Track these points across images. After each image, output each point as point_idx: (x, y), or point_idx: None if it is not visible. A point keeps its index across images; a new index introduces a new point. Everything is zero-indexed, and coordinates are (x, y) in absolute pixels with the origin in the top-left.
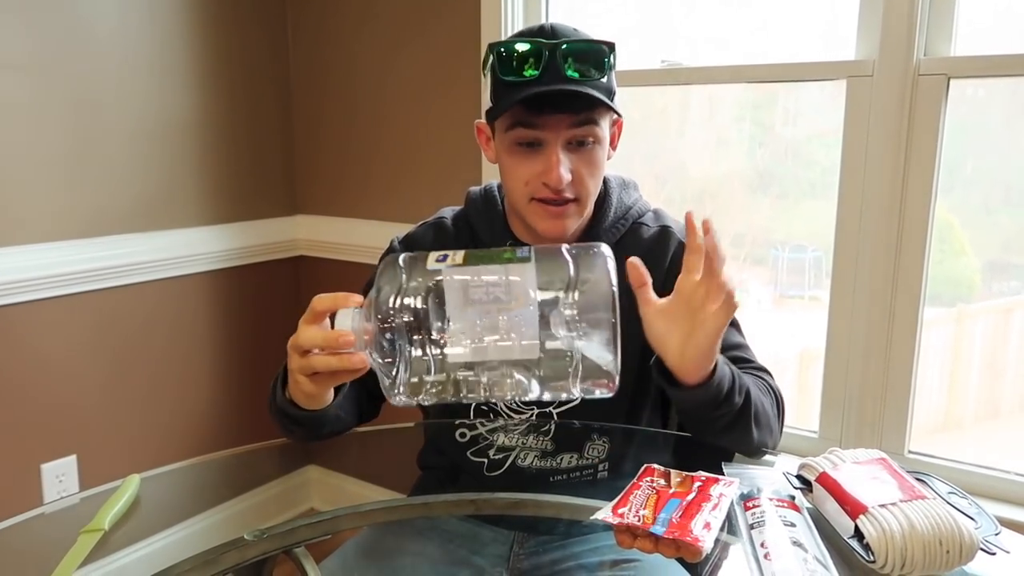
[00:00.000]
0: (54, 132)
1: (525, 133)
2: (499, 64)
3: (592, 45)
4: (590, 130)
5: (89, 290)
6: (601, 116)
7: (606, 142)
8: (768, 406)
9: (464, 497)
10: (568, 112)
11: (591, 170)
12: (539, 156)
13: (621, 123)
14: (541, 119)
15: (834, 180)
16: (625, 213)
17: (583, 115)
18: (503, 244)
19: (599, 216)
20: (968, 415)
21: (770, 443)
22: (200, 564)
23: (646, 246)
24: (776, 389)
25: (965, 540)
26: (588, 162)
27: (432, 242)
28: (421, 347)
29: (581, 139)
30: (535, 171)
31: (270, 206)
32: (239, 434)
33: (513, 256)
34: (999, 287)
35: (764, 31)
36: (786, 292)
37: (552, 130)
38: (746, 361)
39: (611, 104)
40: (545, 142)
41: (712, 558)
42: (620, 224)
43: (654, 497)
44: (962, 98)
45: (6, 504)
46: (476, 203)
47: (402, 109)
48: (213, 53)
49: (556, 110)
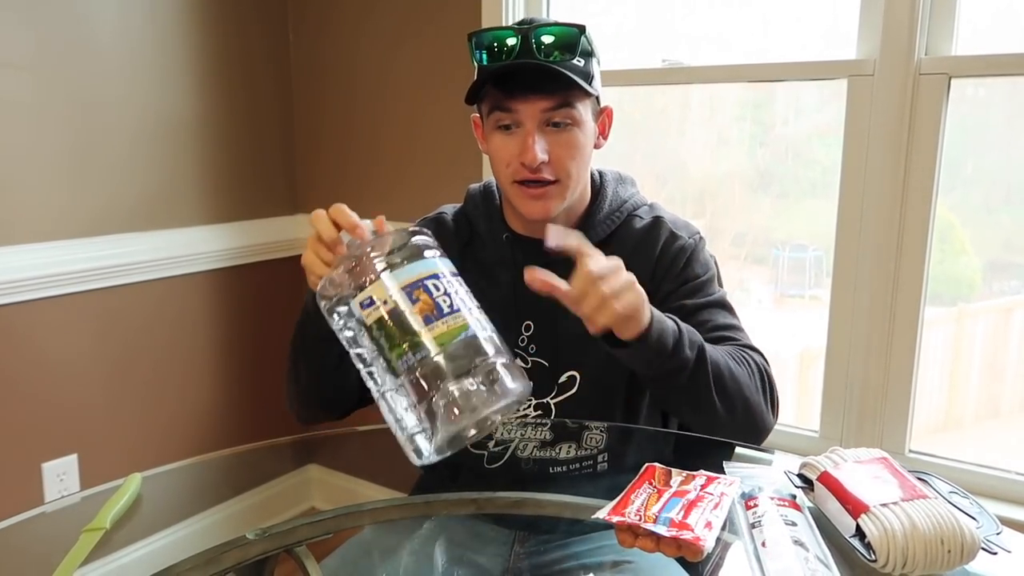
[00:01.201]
0: (55, 131)
1: (502, 116)
2: (475, 49)
3: (563, 28)
4: (567, 112)
5: (90, 289)
6: (577, 99)
7: (587, 125)
8: (741, 376)
9: (465, 496)
10: (541, 94)
11: (570, 152)
12: (516, 137)
13: (610, 111)
14: (514, 102)
15: (835, 179)
16: (620, 206)
17: (557, 97)
18: (500, 237)
19: (593, 208)
20: (969, 414)
21: (750, 421)
22: (201, 563)
23: (637, 237)
24: (761, 365)
25: (967, 539)
26: (566, 144)
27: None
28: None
29: (557, 121)
30: (513, 152)
31: (271, 205)
32: (240, 433)
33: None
34: (1000, 287)
35: (765, 30)
36: (787, 291)
37: (527, 112)
38: (729, 340)
39: (583, 84)
40: (521, 124)
41: (713, 557)
42: (615, 216)
43: (655, 496)
44: (963, 97)
45: (7, 503)
46: (475, 198)
47: (403, 108)
48: (214, 52)
49: (529, 91)
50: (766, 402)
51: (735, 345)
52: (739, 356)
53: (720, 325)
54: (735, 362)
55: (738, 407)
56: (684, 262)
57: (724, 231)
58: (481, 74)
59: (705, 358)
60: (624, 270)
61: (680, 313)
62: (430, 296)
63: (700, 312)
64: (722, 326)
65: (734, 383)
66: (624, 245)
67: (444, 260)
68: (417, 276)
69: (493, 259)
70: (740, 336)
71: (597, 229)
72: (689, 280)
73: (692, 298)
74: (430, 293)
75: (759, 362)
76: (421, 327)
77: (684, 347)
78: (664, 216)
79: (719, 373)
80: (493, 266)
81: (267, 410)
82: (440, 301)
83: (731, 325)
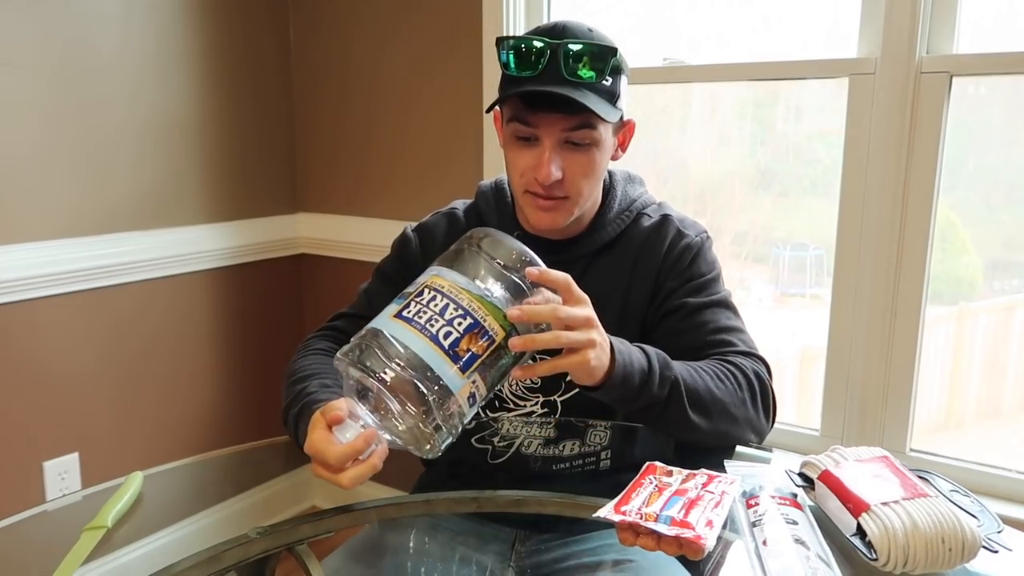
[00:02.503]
0: (55, 131)
1: (521, 128)
2: (502, 58)
3: (594, 48)
4: (586, 133)
5: (91, 288)
6: (599, 120)
7: (605, 144)
8: (723, 394)
9: (466, 495)
10: (563, 114)
11: (584, 171)
12: (533, 151)
13: (633, 124)
14: (536, 117)
15: (836, 178)
16: (629, 206)
17: (578, 118)
18: (511, 234)
19: (603, 208)
20: (969, 413)
21: (737, 433)
22: (202, 561)
23: (645, 235)
24: (752, 374)
25: (967, 538)
26: (583, 164)
27: (445, 232)
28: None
29: (576, 141)
30: (528, 165)
31: (272, 204)
32: (241, 432)
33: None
34: (1001, 285)
35: (766, 29)
36: (787, 290)
37: (546, 129)
38: (727, 344)
39: (600, 114)
40: (539, 139)
41: (714, 556)
42: (624, 216)
43: (656, 495)
44: (964, 96)
45: (8, 502)
46: (486, 195)
47: (403, 106)
48: (216, 52)
49: (551, 110)
50: (757, 411)
51: (723, 355)
52: (723, 372)
53: (721, 327)
54: (717, 380)
55: (721, 426)
56: (689, 260)
57: (725, 230)
58: (504, 79)
59: (680, 389)
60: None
61: (682, 311)
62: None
63: (702, 312)
64: (723, 328)
65: (715, 404)
66: (632, 244)
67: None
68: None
69: None
70: (739, 338)
71: (607, 228)
72: (694, 278)
73: (695, 296)
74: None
75: (750, 372)
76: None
77: (653, 385)
78: (672, 215)
79: (697, 399)
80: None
81: (268, 408)
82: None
83: (732, 327)
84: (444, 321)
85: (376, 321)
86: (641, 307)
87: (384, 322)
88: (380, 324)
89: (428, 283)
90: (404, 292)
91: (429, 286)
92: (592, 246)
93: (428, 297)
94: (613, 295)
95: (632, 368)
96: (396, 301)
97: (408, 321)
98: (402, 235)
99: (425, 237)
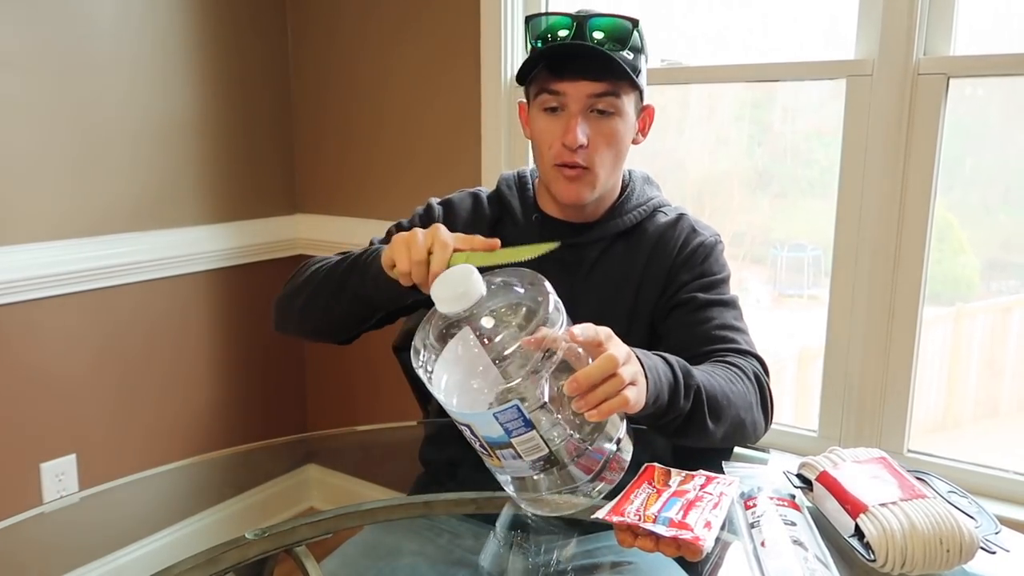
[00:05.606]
0: (54, 132)
1: (548, 98)
2: (530, 30)
3: (617, 20)
4: (611, 101)
5: (89, 289)
6: (623, 90)
7: (628, 117)
8: (738, 398)
9: (464, 496)
10: (589, 78)
11: (608, 140)
12: (560, 119)
13: (652, 110)
14: (563, 84)
15: (833, 179)
16: (647, 201)
17: (604, 84)
18: (530, 217)
19: (622, 199)
20: (967, 414)
21: (742, 435)
22: (201, 563)
23: (662, 229)
24: (756, 375)
25: (965, 539)
26: (607, 133)
27: (470, 209)
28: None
29: (601, 108)
30: (556, 134)
31: (270, 205)
32: (239, 433)
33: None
34: (998, 286)
35: (763, 30)
36: (785, 291)
37: (573, 95)
38: (729, 342)
39: (625, 69)
40: (566, 107)
41: (712, 557)
42: (642, 209)
43: (655, 496)
44: (961, 97)
45: (6, 503)
46: (508, 181)
47: (402, 108)
48: (213, 52)
49: (578, 75)
50: (761, 413)
51: (724, 354)
52: (736, 375)
53: (725, 325)
54: (732, 383)
55: (732, 430)
56: (703, 257)
57: (723, 230)
58: (533, 54)
59: (701, 398)
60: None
61: (691, 305)
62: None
63: (710, 308)
64: (727, 326)
65: (731, 409)
66: (648, 236)
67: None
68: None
69: (521, 237)
70: (742, 338)
71: (624, 218)
72: (706, 275)
73: (705, 292)
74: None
75: (751, 373)
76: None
77: (679, 398)
78: (688, 215)
79: (715, 405)
80: (520, 244)
81: (267, 410)
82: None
83: (735, 327)
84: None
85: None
86: (652, 298)
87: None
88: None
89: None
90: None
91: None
92: (609, 232)
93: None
94: (626, 283)
95: (661, 384)
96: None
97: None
98: (427, 205)
99: (449, 211)
